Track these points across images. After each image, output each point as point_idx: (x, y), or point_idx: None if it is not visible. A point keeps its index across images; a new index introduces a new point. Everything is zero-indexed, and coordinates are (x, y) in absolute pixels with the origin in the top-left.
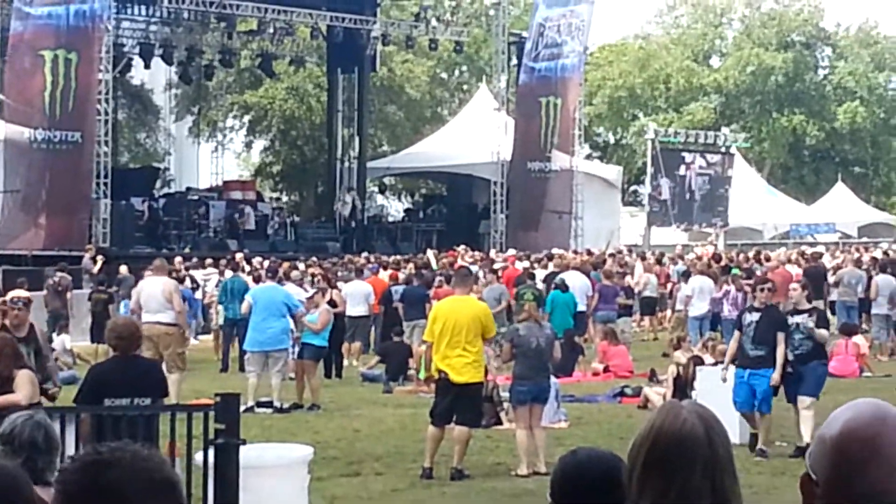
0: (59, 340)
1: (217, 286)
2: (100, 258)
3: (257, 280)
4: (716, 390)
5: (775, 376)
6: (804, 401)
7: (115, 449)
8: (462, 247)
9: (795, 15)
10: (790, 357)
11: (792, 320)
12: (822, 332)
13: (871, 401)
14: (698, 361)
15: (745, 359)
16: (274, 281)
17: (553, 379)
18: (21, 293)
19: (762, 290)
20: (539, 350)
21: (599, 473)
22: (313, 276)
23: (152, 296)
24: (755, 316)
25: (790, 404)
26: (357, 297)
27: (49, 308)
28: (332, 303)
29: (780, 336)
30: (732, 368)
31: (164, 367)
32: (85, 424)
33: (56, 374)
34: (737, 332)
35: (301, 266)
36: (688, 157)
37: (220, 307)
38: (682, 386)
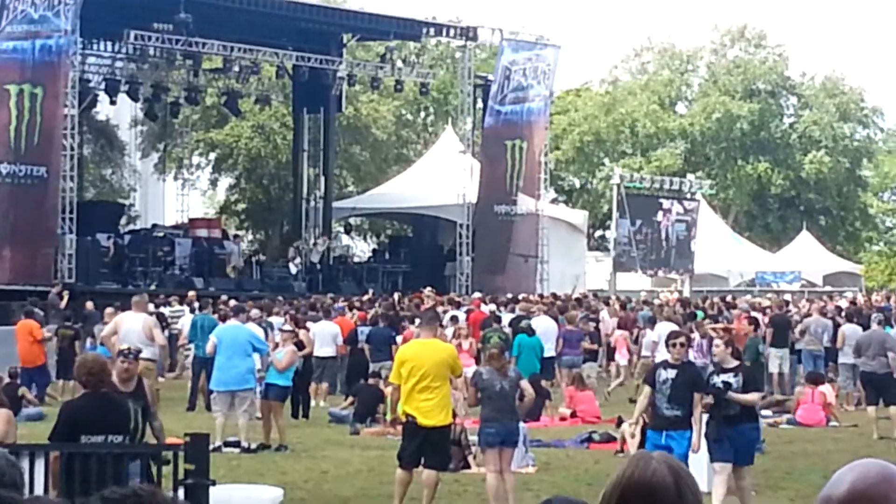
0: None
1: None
2: (65, 294)
3: (224, 319)
4: None
5: (695, 440)
6: (743, 471)
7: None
8: (428, 289)
9: (761, 63)
10: (723, 419)
11: (717, 379)
12: (749, 397)
13: (876, 461)
14: None
15: (661, 419)
16: (238, 320)
17: (521, 423)
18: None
19: (674, 345)
20: (503, 393)
21: None
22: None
23: (132, 331)
24: (671, 373)
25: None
26: (325, 337)
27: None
28: (299, 344)
29: (698, 397)
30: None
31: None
32: (56, 462)
33: (163, 434)
34: (647, 388)
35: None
36: (665, 203)
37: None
38: None
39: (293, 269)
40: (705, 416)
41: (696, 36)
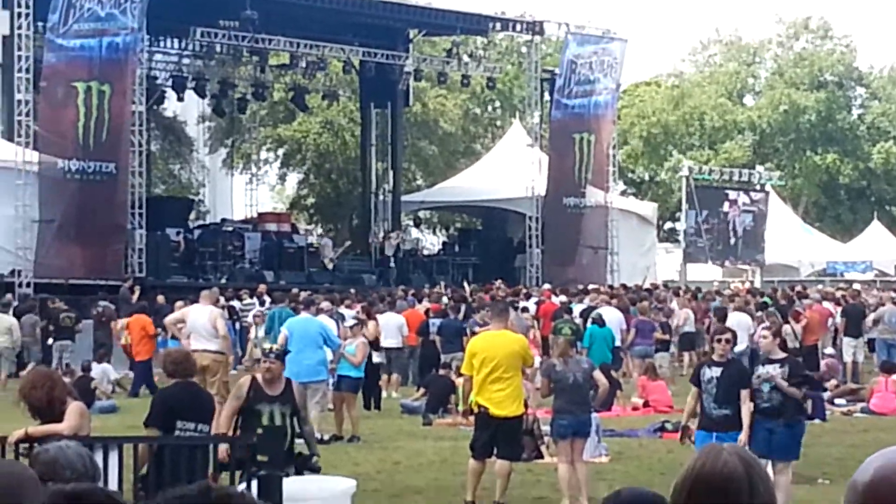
0: (101, 369)
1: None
2: (136, 288)
3: (296, 311)
4: None
5: (742, 439)
6: (779, 466)
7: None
8: (498, 282)
9: (828, 54)
10: (758, 412)
11: (761, 370)
12: (793, 390)
13: None
14: None
15: (709, 420)
16: (309, 312)
17: (594, 413)
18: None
19: (720, 341)
20: (577, 384)
21: None
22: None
23: (198, 324)
24: (716, 371)
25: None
26: (390, 328)
27: (94, 338)
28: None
29: (745, 394)
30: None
31: None
32: (144, 449)
33: (314, 439)
34: (694, 389)
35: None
36: (731, 193)
37: (256, 338)
38: None
39: (329, 265)
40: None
41: (762, 28)
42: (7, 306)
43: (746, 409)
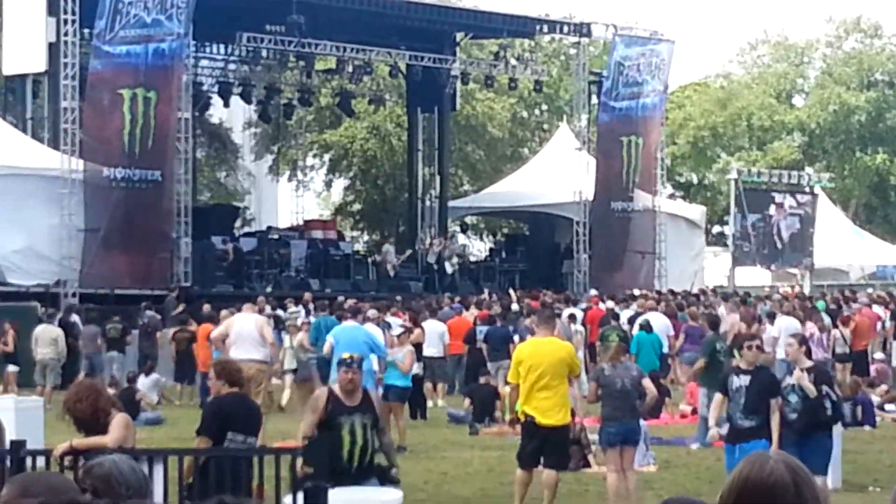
0: (148, 381)
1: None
2: (181, 298)
3: (340, 319)
4: None
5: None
6: None
7: None
8: (546, 292)
9: (878, 53)
10: (786, 424)
11: (788, 380)
12: (809, 385)
13: None
14: None
15: (735, 431)
16: (355, 320)
17: (642, 421)
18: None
19: (750, 348)
20: (625, 391)
21: None
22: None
23: (245, 332)
24: (744, 379)
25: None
26: (432, 336)
27: (140, 349)
28: (416, 344)
29: (774, 403)
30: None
31: None
32: (190, 460)
33: (394, 450)
34: (718, 396)
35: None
36: (777, 196)
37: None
38: None
39: (391, 272)
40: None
41: (810, 28)
42: (52, 317)
43: (776, 419)
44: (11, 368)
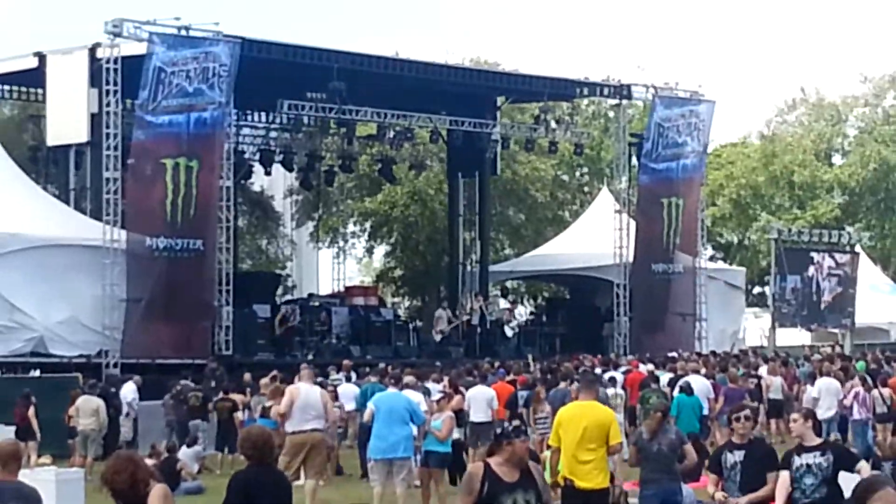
0: (191, 451)
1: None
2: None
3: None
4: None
5: None
6: None
7: None
8: (586, 356)
9: None
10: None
11: (798, 461)
12: (862, 465)
13: None
14: None
15: None
16: (397, 388)
17: (683, 485)
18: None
19: (738, 419)
20: (661, 454)
21: None
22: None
23: (312, 403)
24: (738, 455)
25: None
26: (480, 402)
27: (167, 417)
28: (456, 410)
29: (772, 476)
30: None
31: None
32: None
33: None
34: (713, 476)
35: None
36: (816, 256)
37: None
38: None
39: (437, 337)
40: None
41: (846, 85)
42: (93, 388)
43: (768, 490)
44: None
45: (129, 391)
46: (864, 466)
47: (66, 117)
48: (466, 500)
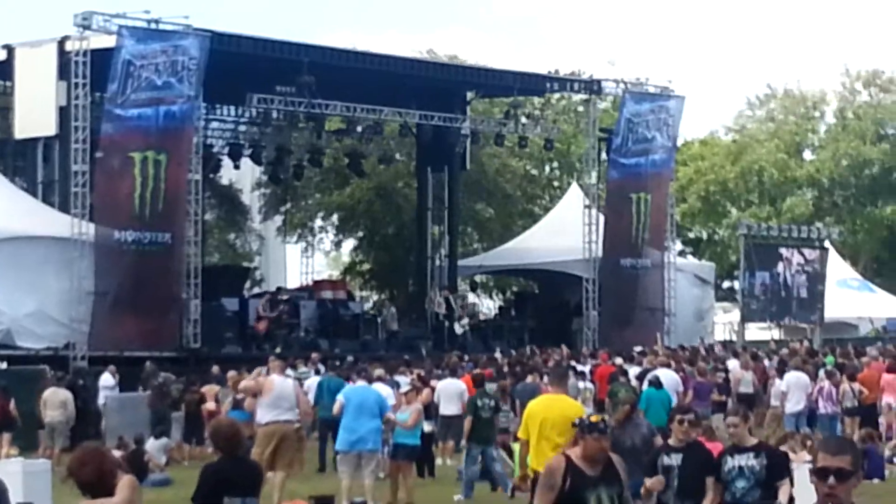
0: (158, 443)
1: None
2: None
3: (347, 380)
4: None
5: None
6: None
7: None
8: (556, 349)
9: (892, 106)
10: None
11: (731, 462)
12: (784, 483)
13: None
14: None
15: None
16: (365, 381)
17: None
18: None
19: (681, 423)
20: (634, 448)
21: None
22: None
23: (285, 395)
24: (676, 458)
25: None
26: (450, 395)
27: (152, 408)
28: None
29: (710, 482)
30: None
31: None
32: None
33: None
34: (647, 481)
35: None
36: (785, 252)
37: None
38: None
39: (458, 330)
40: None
41: (821, 81)
42: (61, 381)
43: (710, 499)
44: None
45: (106, 379)
46: (784, 486)
47: (35, 110)
48: (547, 497)
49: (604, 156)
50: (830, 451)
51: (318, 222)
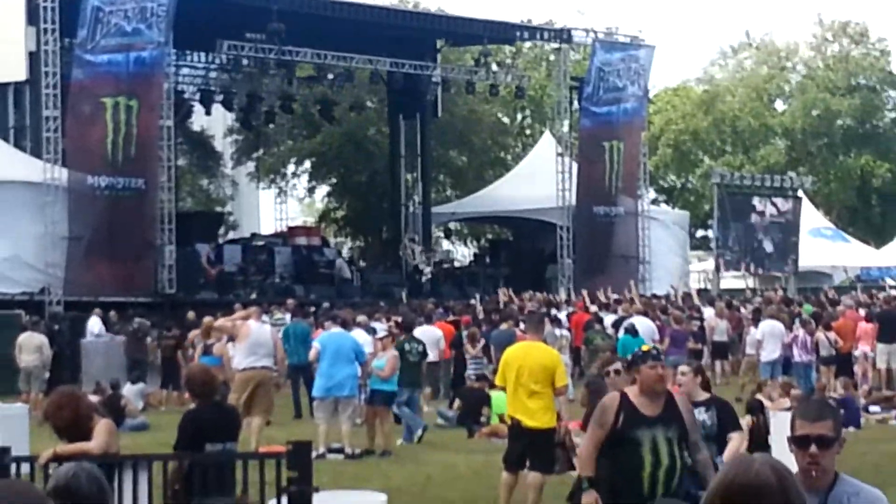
0: (135, 388)
1: None
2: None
3: (319, 326)
4: None
5: None
6: None
7: None
8: (529, 293)
9: (862, 58)
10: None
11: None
12: (736, 435)
13: None
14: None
15: None
16: (341, 327)
17: None
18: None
19: (608, 374)
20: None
21: None
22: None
23: (262, 341)
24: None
25: None
26: (428, 342)
27: (128, 355)
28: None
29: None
30: None
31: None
32: (176, 471)
33: (711, 472)
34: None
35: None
36: (758, 204)
37: None
38: (760, 439)
39: (427, 273)
40: None
41: (793, 32)
42: (36, 325)
43: None
44: None
45: (94, 323)
46: (736, 436)
47: (4, 56)
48: (597, 434)
49: (576, 105)
50: (810, 418)
51: (291, 168)
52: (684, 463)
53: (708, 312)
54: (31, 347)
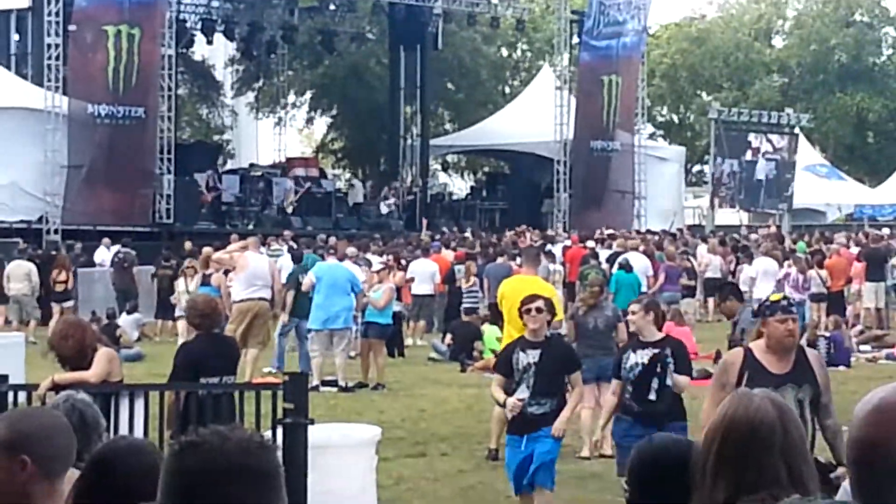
0: (131, 318)
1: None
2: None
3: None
4: None
5: (559, 424)
6: None
7: (213, 433)
8: (523, 227)
9: None
10: (629, 413)
11: (634, 358)
12: (682, 378)
13: None
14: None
15: (522, 422)
16: (337, 259)
17: None
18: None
19: (528, 312)
20: (596, 330)
21: (677, 460)
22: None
23: (259, 272)
24: (532, 355)
25: None
26: (423, 275)
27: (115, 285)
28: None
29: (574, 378)
30: None
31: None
32: (172, 403)
33: (840, 439)
34: (499, 378)
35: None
36: (754, 141)
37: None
38: None
39: (384, 210)
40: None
41: None
42: (23, 252)
43: (577, 392)
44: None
45: (102, 254)
46: (682, 381)
47: None
48: (719, 396)
49: (575, 38)
50: None
51: (291, 98)
52: (813, 425)
53: (701, 249)
54: (20, 275)
